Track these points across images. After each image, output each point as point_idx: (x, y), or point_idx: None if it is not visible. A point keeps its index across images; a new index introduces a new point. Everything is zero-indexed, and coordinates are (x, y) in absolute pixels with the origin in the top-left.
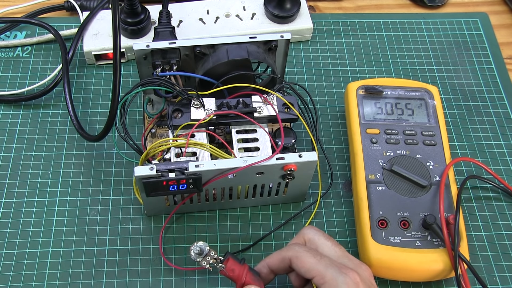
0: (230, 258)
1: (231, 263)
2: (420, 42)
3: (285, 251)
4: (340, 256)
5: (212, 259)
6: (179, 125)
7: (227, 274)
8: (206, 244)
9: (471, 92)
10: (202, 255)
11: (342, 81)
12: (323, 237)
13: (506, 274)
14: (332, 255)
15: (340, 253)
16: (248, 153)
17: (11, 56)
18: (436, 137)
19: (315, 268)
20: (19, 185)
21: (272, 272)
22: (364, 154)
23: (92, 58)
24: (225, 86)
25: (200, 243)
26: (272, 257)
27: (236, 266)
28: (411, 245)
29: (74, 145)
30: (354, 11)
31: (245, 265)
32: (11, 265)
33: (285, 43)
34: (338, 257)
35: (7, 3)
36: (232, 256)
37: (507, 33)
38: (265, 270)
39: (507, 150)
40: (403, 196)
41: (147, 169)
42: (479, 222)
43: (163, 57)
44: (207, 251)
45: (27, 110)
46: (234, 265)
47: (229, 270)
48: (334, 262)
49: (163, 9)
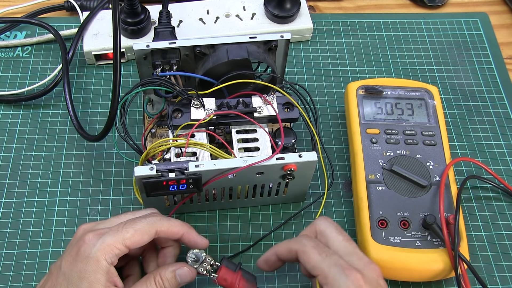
0: (223, 267)
1: (224, 272)
2: (420, 42)
3: (293, 242)
4: (349, 252)
5: (208, 265)
6: (179, 125)
7: (220, 284)
8: (202, 251)
9: (471, 92)
10: (198, 262)
11: (342, 81)
12: (335, 231)
13: (506, 274)
14: (341, 251)
15: (350, 249)
16: (248, 153)
17: (11, 56)
18: (436, 137)
19: (319, 266)
20: (19, 185)
21: (280, 260)
22: (364, 154)
23: (92, 58)
24: (225, 83)
25: (196, 250)
26: (281, 246)
27: (229, 275)
28: (411, 245)
29: (74, 145)
30: (354, 11)
31: (239, 272)
32: (11, 265)
33: (285, 43)
34: (347, 254)
35: (7, 3)
36: (226, 263)
37: (507, 33)
38: (273, 258)
39: (507, 150)
40: (403, 196)
41: (147, 169)
42: (479, 222)
43: (163, 57)
44: (203, 257)
45: (27, 110)
46: (226, 274)
47: (222, 280)
48: (340, 260)
49: (163, 9)
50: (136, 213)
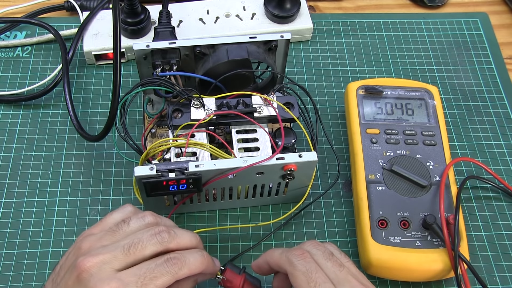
0: (227, 269)
1: (229, 274)
2: (420, 42)
3: (283, 261)
4: (341, 280)
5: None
6: (179, 125)
7: (224, 284)
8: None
9: (471, 92)
10: None
11: (342, 81)
12: (322, 257)
13: (506, 274)
14: (332, 279)
15: (341, 277)
16: (248, 153)
17: (11, 56)
18: (436, 137)
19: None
20: (19, 185)
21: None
22: (364, 154)
23: (92, 58)
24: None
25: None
26: (272, 258)
27: (234, 277)
28: (411, 245)
29: (74, 145)
30: (354, 11)
31: (243, 275)
32: (11, 265)
33: (285, 43)
34: (338, 283)
35: (7, 3)
36: (231, 266)
37: (507, 33)
38: (266, 266)
39: (507, 150)
40: (403, 196)
41: (147, 169)
42: (479, 222)
43: (163, 57)
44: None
45: (27, 110)
46: (231, 276)
47: (227, 281)
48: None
49: (163, 9)
50: (139, 214)
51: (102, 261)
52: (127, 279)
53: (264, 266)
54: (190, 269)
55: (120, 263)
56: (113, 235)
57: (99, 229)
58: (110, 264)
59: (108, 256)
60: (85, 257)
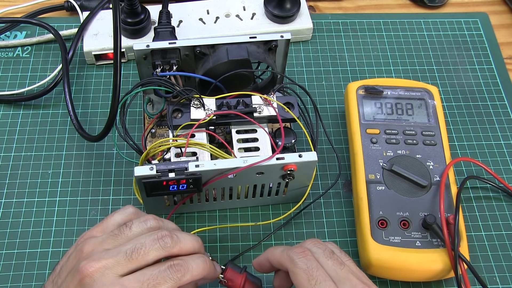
0: (228, 268)
1: (230, 274)
2: (420, 42)
3: (284, 258)
4: (342, 279)
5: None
6: (179, 125)
7: (226, 284)
8: (208, 254)
9: (471, 92)
10: None
11: (342, 81)
12: (323, 255)
13: (506, 274)
14: (333, 278)
15: (342, 275)
16: (248, 153)
17: (11, 56)
18: (436, 137)
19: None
20: (19, 185)
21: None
22: (364, 154)
23: (92, 58)
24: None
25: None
26: (273, 256)
27: (235, 276)
28: (411, 245)
29: (74, 145)
30: (354, 11)
31: (244, 274)
32: (11, 265)
33: (285, 43)
34: (338, 281)
35: (7, 3)
36: (232, 266)
37: (507, 33)
38: (267, 264)
39: (507, 150)
40: (403, 196)
41: (147, 169)
42: (479, 222)
43: (163, 57)
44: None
45: (27, 110)
46: (232, 275)
47: (228, 280)
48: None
49: (163, 9)
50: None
51: (104, 266)
52: (130, 285)
53: (265, 264)
54: (193, 275)
55: (123, 268)
56: (115, 239)
57: (101, 231)
58: (113, 270)
59: (110, 261)
60: (87, 262)
